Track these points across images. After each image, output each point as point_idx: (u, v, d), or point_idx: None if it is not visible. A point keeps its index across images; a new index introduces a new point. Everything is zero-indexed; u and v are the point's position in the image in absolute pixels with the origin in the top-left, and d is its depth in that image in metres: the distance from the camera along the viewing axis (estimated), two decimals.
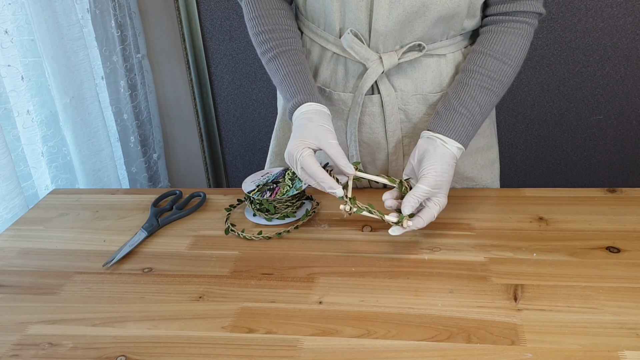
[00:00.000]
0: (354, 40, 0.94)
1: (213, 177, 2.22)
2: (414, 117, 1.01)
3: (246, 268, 0.87)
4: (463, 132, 0.90)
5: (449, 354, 0.69)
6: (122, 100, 1.77)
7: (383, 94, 0.99)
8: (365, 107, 1.00)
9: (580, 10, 1.80)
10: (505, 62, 0.93)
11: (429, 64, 0.98)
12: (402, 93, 1.00)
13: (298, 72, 0.95)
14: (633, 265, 0.83)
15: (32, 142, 1.33)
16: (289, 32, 0.98)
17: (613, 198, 1.01)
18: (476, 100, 0.92)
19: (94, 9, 1.60)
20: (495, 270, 0.83)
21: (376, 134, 1.03)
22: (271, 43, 0.97)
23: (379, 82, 0.98)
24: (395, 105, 1.00)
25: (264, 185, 1.00)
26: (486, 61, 0.93)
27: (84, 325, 0.77)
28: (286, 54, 0.96)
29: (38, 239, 0.98)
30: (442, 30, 0.95)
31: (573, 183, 2.07)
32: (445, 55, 0.98)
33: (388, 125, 1.01)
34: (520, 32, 0.94)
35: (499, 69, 0.93)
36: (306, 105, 0.91)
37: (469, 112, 0.91)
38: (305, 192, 1.02)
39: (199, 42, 1.97)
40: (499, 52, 0.93)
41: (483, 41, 0.95)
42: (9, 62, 1.23)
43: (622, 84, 1.89)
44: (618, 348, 0.68)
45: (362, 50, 0.95)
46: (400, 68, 0.98)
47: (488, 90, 0.92)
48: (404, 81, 0.99)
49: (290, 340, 0.73)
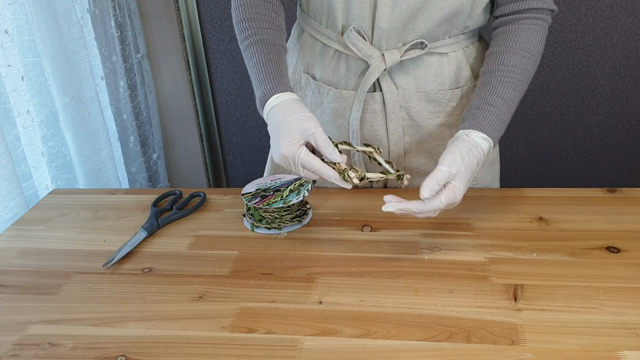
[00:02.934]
0: (357, 38, 0.94)
1: (213, 177, 2.22)
2: (416, 114, 1.01)
3: (246, 268, 0.87)
4: (486, 123, 0.87)
5: (449, 354, 0.69)
6: (122, 100, 1.77)
7: (385, 92, 0.99)
8: (367, 104, 1.00)
9: (580, 10, 1.80)
10: (524, 55, 0.91)
11: (431, 62, 0.98)
12: (403, 91, 1.00)
13: (270, 60, 0.92)
14: (633, 265, 0.83)
15: (32, 142, 1.33)
16: (270, 24, 0.97)
17: (613, 198, 1.01)
18: (498, 95, 0.89)
19: (93, 9, 1.60)
20: (495, 270, 0.83)
21: (377, 132, 1.03)
22: (249, 31, 0.95)
23: (380, 80, 0.98)
24: (396, 103, 1.00)
25: (264, 190, 0.99)
26: (504, 57, 0.91)
27: (84, 325, 0.77)
28: (261, 43, 0.94)
29: (38, 239, 0.98)
30: (445, 28, 0.95)
31: (573, 183, 2.07)
32: (447, 54, 0.98)
33: (389, 123, 1.01)
34: (534, 28, 0.93)
35: (519, 62, 0.91)
36: (274, 98, 0.88)
37: (491, 106, 0.89)
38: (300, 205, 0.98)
39: (199, 42, 1.97)
40: (516, 47, 0.92)
41: (498, 42, 0.94)
42: (9, 62, 1.23)
43: (622, 84, 1.89)
44: (618, 348, 0.68)
45: (365, 48, 0.95)
46: (402, 66, 0.98)
47: (510, 84, 0.90)
48: (406, 79, 0.99)
49: (290, 340, 0.73)
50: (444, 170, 0.80)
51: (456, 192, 0.81)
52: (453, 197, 0.80)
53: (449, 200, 0.80)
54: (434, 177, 0.79)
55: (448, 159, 0.81)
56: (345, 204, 1.03)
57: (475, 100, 0.91)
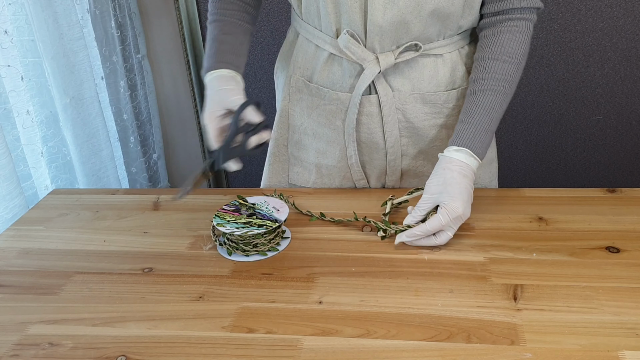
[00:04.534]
0: (351, 41, 0.94)
1: (213, 177, 2.22)
2: (412, 116, 1.01)
3: (246, 268, 0.87)
4: (462, 135, 0.92)
5: (449, 354, 0.69)
6: (122, 100, 1.77)
7: (380, 94, 0.99)
8: (363, 107, 1.00)
9: (580, 11, 1.80)
10: (505, 60, 0.93)
11: (426, 63, 0.98)
12: (399, 93, 1.00)
13: (215, 40, 1.00)
14: (633, 265, 0.83)
15: (32, 142, 1.33)
16: (236, 7, 1.03)
17: (613, 198, 1.01)
18: (478, 103, 0.93)
19: (93, 9, 1.60)
20: (495, 270, 0.83)
21: (374, 134, 1.03)
22: (214, 11, 1.03)
23: (376, 82, 0.98)
24: (392, 105, 1.00)
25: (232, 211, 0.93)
26: (486, 65, 0.94)
27: (84, 325, 0.77)
28: (220, 23, 1.02)
29: (38, 239, 0.98)
30: (439, 29, 0.95)
31: (573, 183, 2.07)
32: (442, 55, 0.99)
33: (386, 125, 1.01)
34: (517, 29, 0.94)
35: (499, 69, 0.93)
36: (209, 74, 0.97)
37: (468, 116, 0.93)
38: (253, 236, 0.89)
39: (199, 42, 1.97)
40: (497, 52, 0.94)
41: (482, 47, 0.97)
42: (8, 62, 1.23)
43: (622, 84, 1.89)
44: (618, 348, 0.68)
45: (359, 51, 0.95)
46: (397, 68, 0.98)
47: (490, 92, 0.93)
48: (401, 81, 0.99)
49: (290, 340, 0.73)
50: (424, 197, 0.90)
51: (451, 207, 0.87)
52: (452, 211, 0.86)
53: (447, 215, 0.86)
54: (417, 206, 0.90)
55: (427, 184, 0.91)
56: (345, 204, 1.03)
57: (460, 114, 0.96)
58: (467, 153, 0.91)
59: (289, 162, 1.13)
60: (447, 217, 0.86)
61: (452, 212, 0.86)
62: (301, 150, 1.11)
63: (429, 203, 0.89)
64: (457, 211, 0.86)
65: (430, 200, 0.89)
